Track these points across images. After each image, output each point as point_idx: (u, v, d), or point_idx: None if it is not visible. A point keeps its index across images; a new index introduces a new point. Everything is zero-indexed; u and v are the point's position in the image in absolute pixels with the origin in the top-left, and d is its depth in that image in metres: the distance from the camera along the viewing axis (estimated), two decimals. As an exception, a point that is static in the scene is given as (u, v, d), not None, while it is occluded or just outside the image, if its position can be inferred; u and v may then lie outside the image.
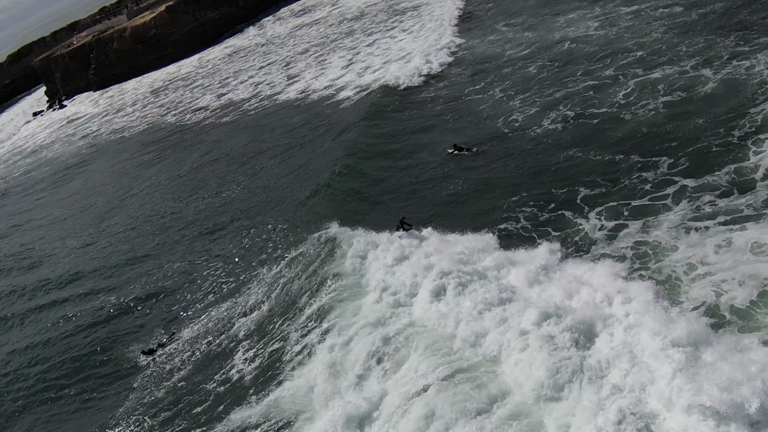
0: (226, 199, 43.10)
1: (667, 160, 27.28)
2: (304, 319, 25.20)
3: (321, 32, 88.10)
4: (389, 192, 34.11)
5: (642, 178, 26.75)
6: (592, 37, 44.89)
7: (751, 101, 29.52)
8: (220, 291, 31.95)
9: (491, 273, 23.43)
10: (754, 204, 23.19)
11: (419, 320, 22.59)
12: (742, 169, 25.19)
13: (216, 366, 26.05)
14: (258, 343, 25.97)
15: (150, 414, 25.20)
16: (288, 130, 51.38)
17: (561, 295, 20.81)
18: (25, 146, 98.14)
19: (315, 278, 27.24)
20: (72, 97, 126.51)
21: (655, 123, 30.56)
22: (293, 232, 33.38)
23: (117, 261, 39.99)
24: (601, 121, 32.66)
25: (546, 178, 29.30)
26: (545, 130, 34.10)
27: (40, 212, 58.97)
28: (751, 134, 27.12)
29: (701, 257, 21.53)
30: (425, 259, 25.07)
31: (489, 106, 40.18)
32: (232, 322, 28.62)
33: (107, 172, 62.73)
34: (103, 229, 47.06)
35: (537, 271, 22.65)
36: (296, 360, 23.40)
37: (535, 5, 59.14)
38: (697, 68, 34.63)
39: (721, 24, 39.35)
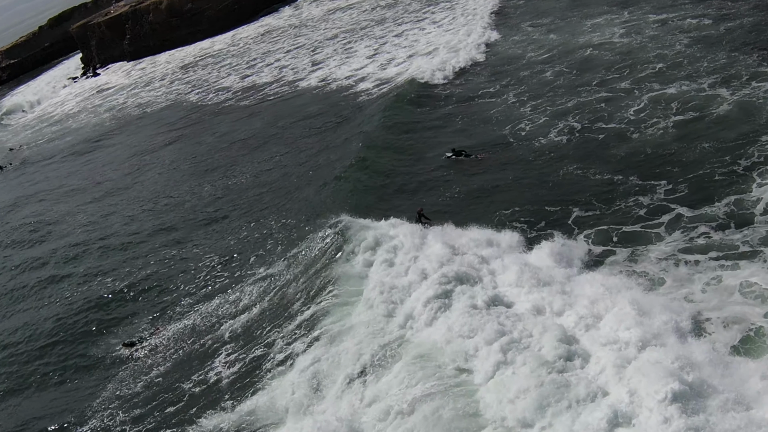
0: (232, 186, 42.77)
1: (666, 186, 26.36)
2: (294, 326, 24.42)
3: (353, 18, 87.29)
4: (390, 191, 33.25)
5: (638, 202, 25.91)
6: (614, 45, 43.70)
7: (763, 128, 28.45)
8: (212, 286, 31.43)
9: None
10: (750, 240, 22.23)
11: (409, 332, 21.78)
12: (742, 201, 24.20)
13: (196, 366, 25.57)
14: (242, 346, 25.30)
15: (124, 408, 24.86)
16: (302, 118, 50.89)
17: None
18: (53, 113, 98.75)
19: (313, 281, 26.44)
20: (106, 66, 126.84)
21: (661, 144, 29.57)
22: (297, 228, 32.85)
23: (117, 243, 39.82)
24: (606, 137, 31.73)
25: (541, 194, 28.48)
26: (550, 141, 33.23)
27: (54, 184, 59.10)
28: (758, 164, 26.07)
29: (687, 294, 20.63)
30: (426, 263, 24.22)
31: (500, 111, 39.31)
32: (220, 321, 28.04)
33: (124, 148, 62.72)
34: (109, 208, 46.92)
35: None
36: (277, 369, 22.68)
37: (565, 6, 57.87)
38: (715, 87, 33.48)
39: (746, 40, 38.04)
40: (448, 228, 26.64)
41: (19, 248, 45.20)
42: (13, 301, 37.36)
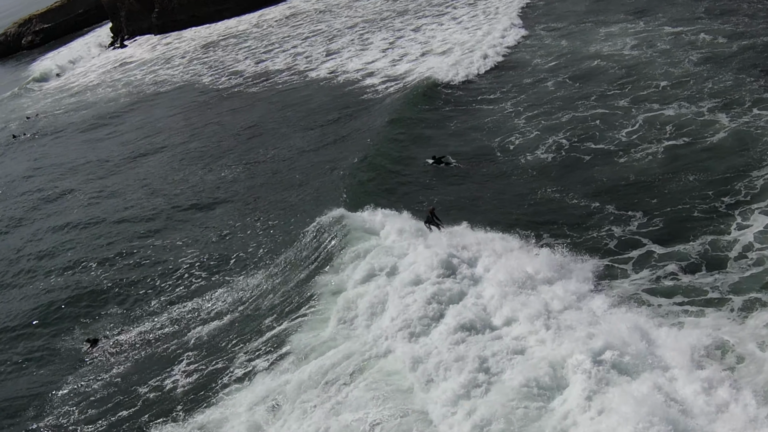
0: (225, 177, 42.20)
1: (642, 218, 25.25)
2: (262, 341, 23.56)
3: (377, 7, 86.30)
4: (384, 194, 32.35)
5: (610, 233, 24.85)
6: (623, 57, 42.36)
7: (756, 162, 27.15)
8: (187, 287, 30.61)
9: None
10: (720, 286, 21.09)
11: (379, 353, 20.96)
12: (718, 242, 23.05)
13: (155, 370, 24.85)
14: (204, 356, 24.46)
15: (81, 407, 24.27)
16: (305, 112, 50.26)
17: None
18: (75, 83, 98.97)
19: (292, 294, 25.64)
20: (134, 38, 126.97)
21: (646, 171, 28.42)
22: (285, 231, 32.01)
23: (103, 231, 39.31)
24: (592, 159, 30.63)
25: (515, 215, 27.45)
26: (535, 158, 32.19)
27: (58, 159, 58.95)
28: (742, 203, 24.85)
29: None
30: (411, 276, 23.37)
31: (494, 120, 38.24)
32: (188, 326, 27.25)
33: (130, 129, 62.32)
34: (104, 190, 46.62)
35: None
36: (234, 385, 21.82)
37: (583, 11, 56.45)
38: (714, 111, 32.20)
39: (757, 62, 36.63)
40: (460, 231, 25.94)
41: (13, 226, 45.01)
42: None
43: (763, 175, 26.17)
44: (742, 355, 17.57)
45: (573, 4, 59.47)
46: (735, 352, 17.75)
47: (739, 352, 17.66)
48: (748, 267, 21.59)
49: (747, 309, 19.77)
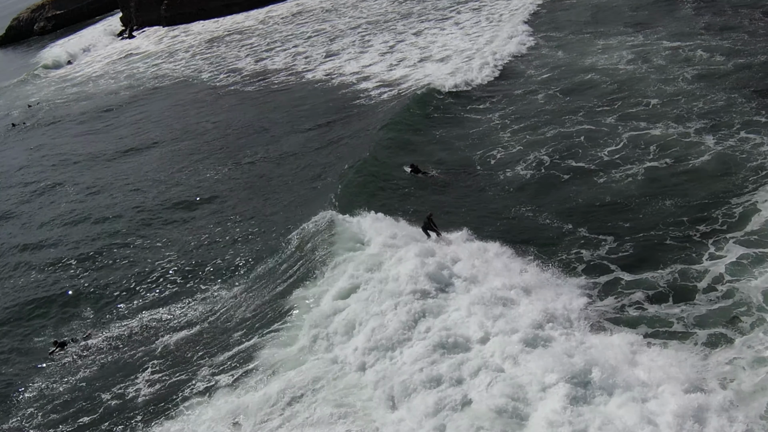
0: (210, 178, 41.65)
1: (613, 243, 24.58)
2: (229, 355, 22.98)
3: (382, 8, 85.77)
4: (371, 198, 31.66)
5: (579, 257, 24.22)
6: (617, 71, 41.66)
7: (737, 188, 26.51)
8: (160, 293, 30.00)
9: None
10: (686, 319, 20.51)
11: (344, 370, 20.50)
12: (688, 272, 22.41)
13: (119, 377, 24.32)
14: (169, 366, 23.93)
15: (43, 411, 23.79)
16: (296, 114, 49.73)
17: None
18: (79, 73, 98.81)
19: (266, 307, 25.03)
20: (142, 29, 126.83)
21: (623, 193, 27.74)
22: (265, 239, 31.27)
23: (80, 232, 38.74)
24: (571, 178, 29.96)
25: (486, 231, 26.59)
26: (514, 175, 31.53)
27: (52, 151, 58.62)
28: (718, 232, 24.17)
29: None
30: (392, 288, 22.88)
31: (479, 132, 37.62)
32: (156, 333, 26.64)
33: (124, 124, 61.83)
34: (90, 186, 46.25)
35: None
36: (195, 399, 21.26)
37: (583, 22, 55.72)
38: (701, 133, 31.52)
39: (750, 82, 35.97)
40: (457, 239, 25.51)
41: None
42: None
43: (743, 202, 25.45)
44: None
45: (575, 14, 58.81)
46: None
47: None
48: (717, 300, 20.98)
49: (711, 344, 19.16)
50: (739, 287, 21.20)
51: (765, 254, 22.45)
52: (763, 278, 21.32)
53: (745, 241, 23.28)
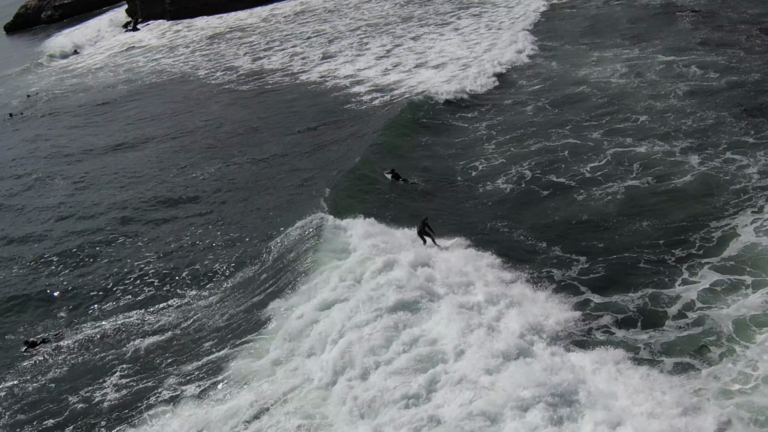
0: (196, 178, 41.24)
1: (585, 263, 24.17)
2: (198, 365, 22.54)
3: (383, 11, 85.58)
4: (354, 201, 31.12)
5: (549, 276, 23.86)
6: (609, 85, 41.27)
7: (717, 212, 26.10)
8: (136, 295, 29.42)
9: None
10: (653, 345, 20.10)
11: (315, 385, 19.99)
12: (659, 297, 22.01)
13: (88, 380, 23.88)
14: (137, 372, 23.49)
15: (10, 411, 23.37)
16: (287, 116, 49.47)
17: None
18: (80, 64, 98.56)
19: (240, 318, 24.54)
20: (147, 22, 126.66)
21: (601, 213, 27.32)
22: (246, 246, 30.71)
23: (61, 230, 38.17)
24: (550, 194, 29.57)
25: (459, 245, 26.39)
26: (494, 188, 31.11)
27: (43, 144, 58.15)
28: (693, 257, 23.77)
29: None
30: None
31: (465, 142, 37.25)
32: (128, 337, 26.10)
33: (118, 120, 61.29)
34: (82, 181, 45.83)
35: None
36: (161, 407, 20.78)
37: (580, 32, 55.44)
38: (687, 152, 31.13)
39: (742, 101, 35.67)
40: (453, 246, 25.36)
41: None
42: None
43: (722, 226, 25.06)
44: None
45: (573, 24, 58.54)
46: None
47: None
48: (686, 327, 20.61)
49: (677, 373, 18.73)
50: (711, 315, 20.79)
51: (740, 281, 22.02)
52: (736, 306, 20.89)
53: (721, 267, 22.86)
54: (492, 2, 77.95)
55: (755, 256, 23.05)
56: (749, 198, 26.58)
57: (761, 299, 21.05)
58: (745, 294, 21.41)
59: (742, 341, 19.55)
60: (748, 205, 26.11)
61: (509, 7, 74.64)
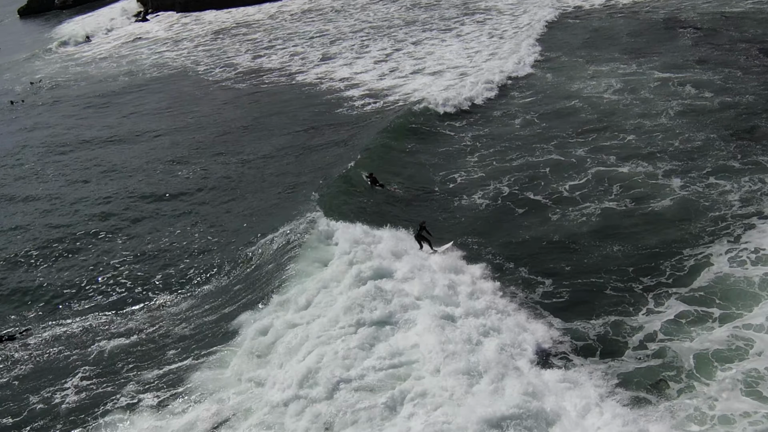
0: (180, 176, 40.94)
1: (549, 286, 23.66)
2: (159, 373, 22.08)
3: (389, 13, 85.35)
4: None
5: (512, 297, 23.16)
6: (601, 101, 40.75)
7: (692, 239, 25.50)
8: (108, 296, 29.05)
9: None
10: (609, 376, 19.47)
11: (272, 401, 19.38)
12: (622, 326, 21.46)
13: (50, 380, 23.48)
14: (99, 375, 23.05)
15: None
16: (279, 115, 49.24)
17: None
18: (86, 53, 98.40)
19: (209, 326, 24.07)
20: (157, 13, 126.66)
21: (573, 234, 26.77)
22: (223, 251, 30.25)
23: (53, 220, 37.99)
24: (525, 212, 29.04)
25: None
26: (469, 203, 30.59)
27: (41, 134, 57.77)
28: (662, 285, 23.19)
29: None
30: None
31: (447, 152, 36.82)
32: (95, 338, 25.72)
33: (115, 111, 61.15)
34: (71, 174, 45.51)
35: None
36: (117, 415, 20.30)
37: (579, 45, 54.98)
38: (670, 175, 30.60)
39: (733, 123, 35.25)
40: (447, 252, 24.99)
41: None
42: None
43: (696, 254, 24.49)
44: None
45: (573, 36, 58.14)
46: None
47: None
48: (646, 359, 20.04)
49: (633, 406, 18.14)
50: (672, 347, 20.24)
51: (707, 314, 21.46)
52: (699, 340, 20.33)
53: (689, 298, 22.32)
54: (498, 9, 77.43)
55: (726, 287, 22.43)
56: (727, 226, 25.96)
57: (727, 333, 20.42)
58: (711, 327, 20.80)
59: (702, 377, 18.95)
60: (725, 234, 25.47)
61: (515, 15, 74.19)
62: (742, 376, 18.62)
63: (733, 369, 18.95)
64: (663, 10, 65.06)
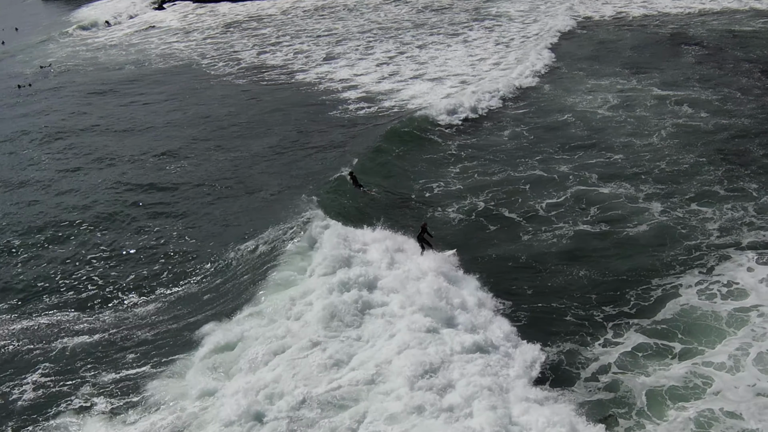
0: (169, 171, 40.43)
1: (508, 309, 22.91)
2: (115, 378, 21.59)
3: (400, 14, 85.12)
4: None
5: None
6: (595, 116, 40.12)
7: (662, 268, 24.90)
8: (79, 292, 28.35)
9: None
10: (555, 406, 18.95)
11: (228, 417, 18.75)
12: (576, 355, 20.89)
13: (12, 374, 22.99)
14: (57, 372, 22.66)
15: None
16: (273, 116, 48.70)
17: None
18: (99, 39, 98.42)
19: (171, 333, 23.55)
20: (174, 2, 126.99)
21: (542, 255, 26.16)
22: (204, 254, 29.58)
23: (42, 210, 37.54)
24: (497, 230, 28.45)
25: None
26: (443, 215, 29.95)
27: (39, 121, 57.39)
28: (624, 315, 22.59)
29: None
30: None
31: (431, 160, 36.35)
32: (59, 334, 25.26)
33: (113, 103, 60.56)
34: (66, 164, 45.11)
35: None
36: (68, 418, 19.86)
37: (582, 57, 54.43)
38: (651, 198, 30.02)
39: (724, 147, 34.82)
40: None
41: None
42: None
43: (664, 284, 23.88)
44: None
45: (578, 47, 57.56)
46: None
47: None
48: (597, 392, 19.51)
49: (577, 438, 17.59)
50: (626, 382, 19.67)
51: (667, 348, 20.88)
52: (655, 376, 19.75)
53: (650, 330, 21.72)
54: (508, 16, 76.80)
55: (691, 321, 21.84)
56: (701, 256, 25.34)
57: (685, 370, 19.82)
58: (669, 363, 20.22)
59: (653, 416, 18.40)
60: (698, 264, 24.86)
61: (524, 23, 73.65)
62: (695, 416, 18.07)
63: (688, 409, 18.37)
64: (672, 24, 64.25)
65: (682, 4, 76.59)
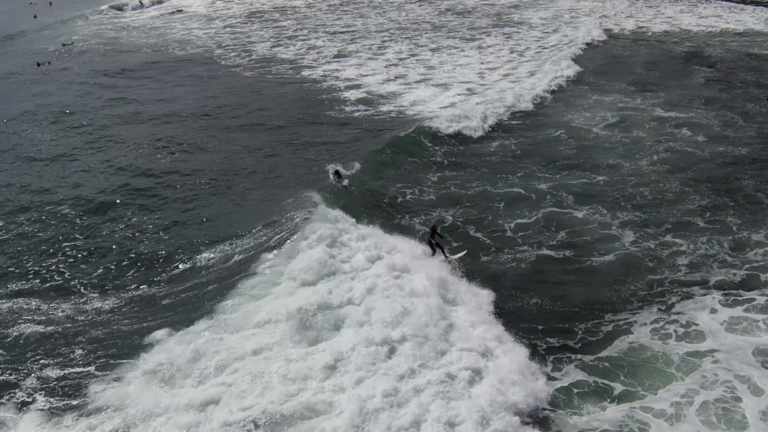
0: (161, 164, 40.02)
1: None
2: (60, 374, 21.12)
3: (421, 14, 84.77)
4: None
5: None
6: (589, 134, 39.26)
7: (621, 302, 24.08)
8: (45, 280, 27.74)
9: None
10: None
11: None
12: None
13: None
14: (9, 361, 22.17)
15: None
16: (271, 111, 48.39)
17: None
18: (123, 19, 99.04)
19: (127, 334, 22.96)
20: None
21: (495, 280, 25.05)
22: (182, 253, 28.97)
23: (35, 200, 37.04)
24: (456, 248, 27.66)
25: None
26: (408, 225, 29.19)
27: (53, 99, 57.37)
28: (568, 349, 21.91)
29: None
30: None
31: (413, 164, 35.89)
32: (17, 322, 24.59)
33: (123, 86, 60.51)
34: (68, 150, 44.98)
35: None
36: (8, 413, 19.49)
37: (592, 70, 53.62)
38: (625, 226, 29.17)
39: (713, 177, 33.78)
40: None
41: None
42: None
43: (617, 320, 23.09)
44: None
45: (588, 60, 56.21)
46: None
47: None
48: (523, 428, 18.71)
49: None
50: (556, 420, 18.99)
51: (606, 389, 20.11)
52: (587, 418, 19.08)
53: (592, 368, 20.97)
54: (529, 24, 75.77)
55: (638, 362, 21.00)
56: (663, 292, 24.49)
57: (621, 414, 18.99)
58: (605, 406, 19.41)
59: (579, 465, 17.67)
60: (658, 301, 24.01)
61: (545, 32, 72.58)
62: (624, 467, 17.28)
63: (619, 457, 17.61)
64: (690, 42, 62.99)
65: (705, 23, 75.20)
